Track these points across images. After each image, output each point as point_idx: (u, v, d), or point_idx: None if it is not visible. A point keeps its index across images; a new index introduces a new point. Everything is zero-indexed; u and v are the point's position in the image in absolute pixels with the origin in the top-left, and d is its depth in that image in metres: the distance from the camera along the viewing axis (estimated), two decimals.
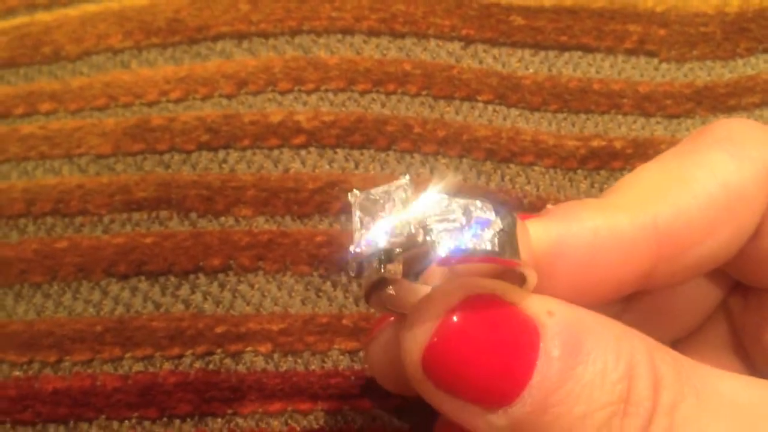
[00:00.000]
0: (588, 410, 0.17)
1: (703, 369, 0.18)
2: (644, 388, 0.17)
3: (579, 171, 0.30)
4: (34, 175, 0.28)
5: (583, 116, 0.31)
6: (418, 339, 0.17)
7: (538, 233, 0.18)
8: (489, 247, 0.17)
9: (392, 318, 0.21)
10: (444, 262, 0.17)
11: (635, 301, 0.23)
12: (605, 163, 0.30)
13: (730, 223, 0.19)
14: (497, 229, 0.17)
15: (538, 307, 0.17)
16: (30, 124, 0.29)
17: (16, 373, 0.25)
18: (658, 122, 0.31)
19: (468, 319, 0.17)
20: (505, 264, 0.17)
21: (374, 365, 0.22)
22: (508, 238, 0.17)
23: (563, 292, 0.18)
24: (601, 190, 0.30)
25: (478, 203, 0.17)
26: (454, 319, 0.17)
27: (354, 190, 0.18)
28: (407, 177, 0.18)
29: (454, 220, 0.17)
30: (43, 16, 0.31)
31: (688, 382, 0.17)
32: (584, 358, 0.17)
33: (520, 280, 0.18)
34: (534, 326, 0.17)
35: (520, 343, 0.17)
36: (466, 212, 0.17)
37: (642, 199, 0.19)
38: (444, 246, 0.17)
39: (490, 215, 0.17)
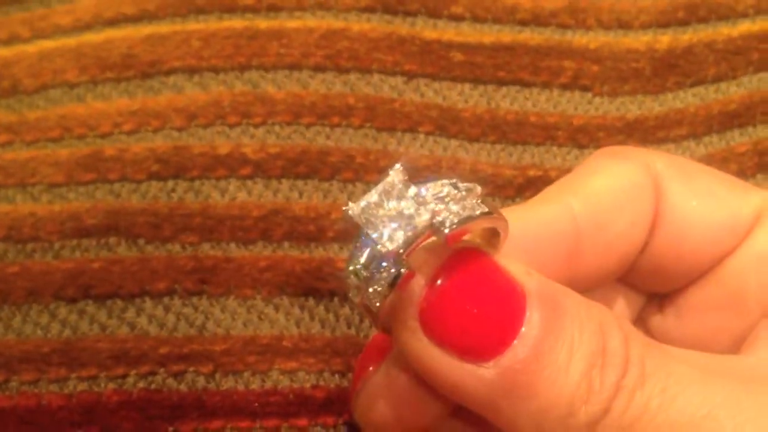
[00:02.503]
0: (571, 359, 0.19)
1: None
2: (616, 342, 0.19)
3: (516, 199, 0.31)
4: None
5: (520, 147, 0.33)
6: (415, 295, 0.19)
7: None
8: (484, 210, 0.19)
9: (371, 368, 0.22)
10: (453, 238, 0.19)
11: None
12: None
13: (629, 207, 0.23)
14: (479, 193, 0.19)
15: (517, 266, 0.19)
16: None
17: None
18: (591, 154, 0.32)
19: (461, 272, 0.19)
20: (496, 221, 0.20)
21: (364, 417, 0.23)
22: (487, 200, 0.20)
23: None
24: None
25: (454, 180, 0.19)
26: (448, 273, 0.19)
27: (349, 203, 0.19)
28: (399, 166, 0.20)
29: (447, 196, 0.19)
30: (2, 52, 0.32)
31: (650, 341, 0.20)
32: (563, 313, 0.19)
33: (491, 240, 0.20)
34: (519, 281, 0.19)
35: (510, 296, 0.19)
36: (455, 186, 0.19)
37: (558, 196, 0.23)
38: (452, 222, 0.19)
39: (470, 184, 0.19)
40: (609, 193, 0.22)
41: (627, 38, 0.35)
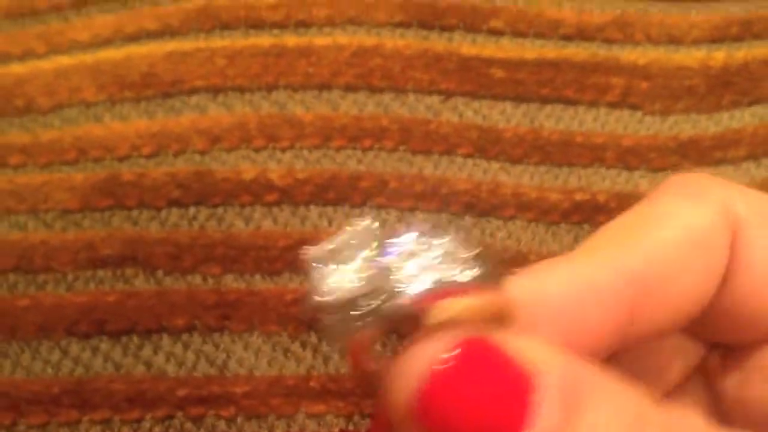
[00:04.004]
0: None
1: (693, 420, 0.18)
2: None
3: (562, 225, 0.29)
4: None
5: (565, 169, 0.31)
6: (407, 385, 0.16)
7: (514, 288, 0.18)
8: (465, 277, 0.16)
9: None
10: (418, 302, 0.16)
11: (612, 362, 0.22)
12: (589, 217, 0.30)
13: (699, 261, 0.20)
14: (472, 259, 0.16)
15: (531, 353, 0.16)
16: None
17: None
18: (642, 176, 0.30)
19: (460, 364, 0.16)
20: (485, 293, 0.16)
21: None
22: (486, 268, 0.16)
23: None
24: None
25: (448, 237, 0.16)
26: (445, 364, 0.16)
27: (305, 246, 0.17)
28: (371, 219, 0.17)
29: (423, 255, 0.16)
30: (16, 68, 0.31)
31: None
32: (583, 411, 0.16)
33: (499, 321, 0.17)
34: (528, 375, 0.16)
35: (515, 392, 0.16)
36: (437, 246, 0.16)
37: (613, 250, 0.19)
38: (417, 285, 0.16)
39: (464, 246, 0.16)
40: (678, 245, 0.19)
41: (678, 54, 0.33)
